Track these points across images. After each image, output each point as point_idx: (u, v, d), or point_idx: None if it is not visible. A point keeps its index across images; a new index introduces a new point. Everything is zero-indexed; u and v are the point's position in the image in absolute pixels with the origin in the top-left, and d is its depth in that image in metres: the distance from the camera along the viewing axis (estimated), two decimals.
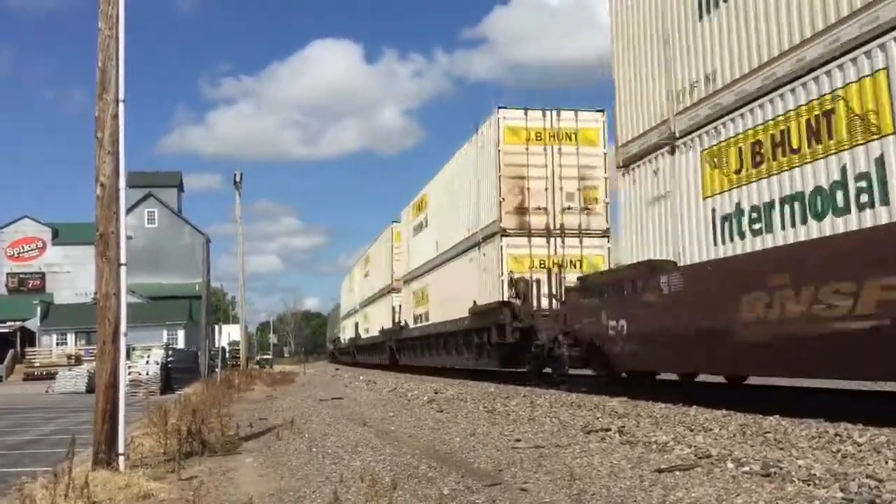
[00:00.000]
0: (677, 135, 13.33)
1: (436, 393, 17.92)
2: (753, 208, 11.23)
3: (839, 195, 9.65)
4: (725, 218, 11.88)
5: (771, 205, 10.87)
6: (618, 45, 16.01)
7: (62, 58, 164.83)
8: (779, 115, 10.85)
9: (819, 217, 9.96)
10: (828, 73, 9.99)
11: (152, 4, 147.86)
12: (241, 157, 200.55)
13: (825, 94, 10.02)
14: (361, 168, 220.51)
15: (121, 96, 8.07)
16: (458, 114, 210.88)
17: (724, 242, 11.91)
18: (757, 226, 11.14)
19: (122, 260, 7.93)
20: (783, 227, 10.61)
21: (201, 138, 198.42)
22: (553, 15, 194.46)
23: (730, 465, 6.66)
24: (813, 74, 10.24)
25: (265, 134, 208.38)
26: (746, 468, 6.43)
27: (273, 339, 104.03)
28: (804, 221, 10.22)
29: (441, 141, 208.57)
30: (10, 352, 52.80)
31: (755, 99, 11.33)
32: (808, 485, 5.71)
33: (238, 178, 38.26)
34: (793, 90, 10.62)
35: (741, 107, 11.63)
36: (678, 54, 13.44)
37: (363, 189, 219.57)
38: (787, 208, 10.57)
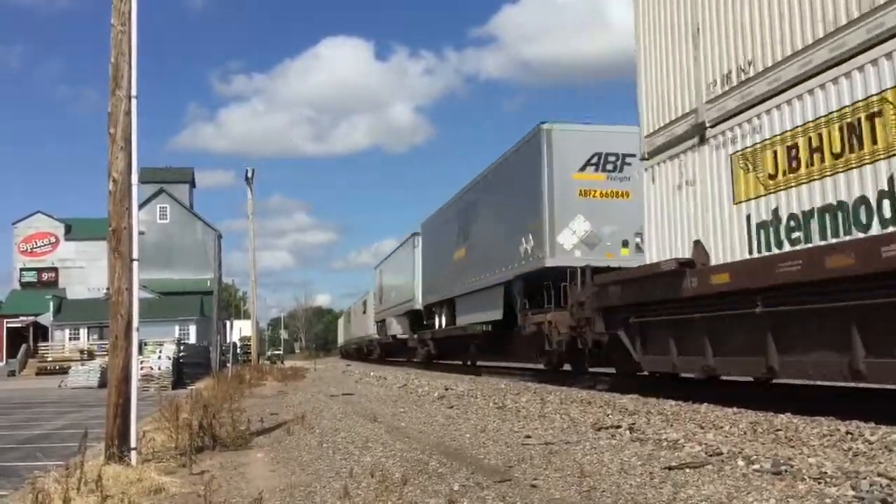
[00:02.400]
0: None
1: (446, 389, 17.93)
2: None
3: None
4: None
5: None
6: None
7: (75, 56, 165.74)
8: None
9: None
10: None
11: (164, 2, 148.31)
12: (252, 154, 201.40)
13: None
14: (372, 165, 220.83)
15: (133, 92, 8.11)
16: (470, 111, 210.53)
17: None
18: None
19: (135, 255, 7.98)
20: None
21: (213, 135, 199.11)
22: (561, 13, 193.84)
23: (740, 462, 6.64)
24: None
25: (276, 131, 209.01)
26: (757, 466, 6.42)
27: (284, 334, 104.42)
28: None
29: (452, 138, 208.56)
30: (23, 346, 53.07)
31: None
32: (820, 483, 5.69)
33: (250, 175, 38.38)
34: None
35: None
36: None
37: (374, 186, 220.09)
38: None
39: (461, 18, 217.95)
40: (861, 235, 9.04)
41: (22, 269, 64.25)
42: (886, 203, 8.72)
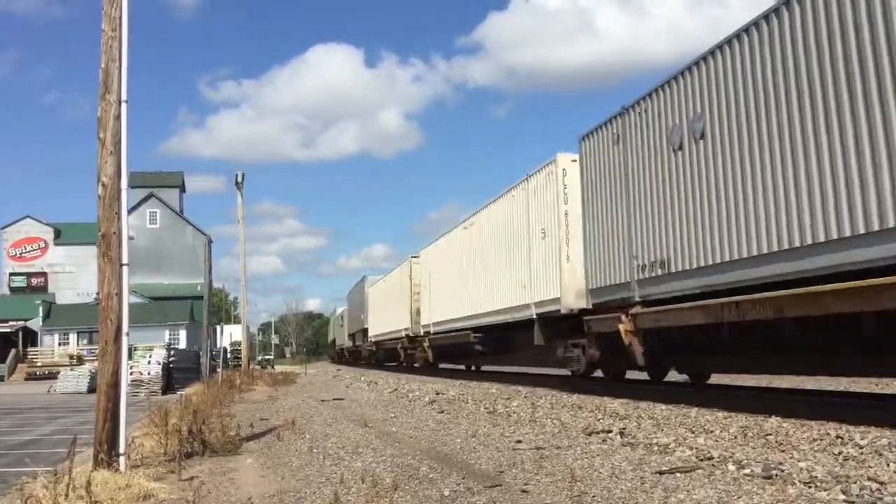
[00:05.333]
0: None
1: (437, 394, 17.91)
2: None
3: None
4: None
5: None
6: None
7: (65, 62, 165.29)
8: None
9: None
10: None
11: (153, 9, 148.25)
12: (241, 160, 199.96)
13: None
14: (362, 171, 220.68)
15: (123, 97, 8.09)
16: (458, 118, 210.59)
17: None
18: None
19: (124, 260, 7.95)
20: None
21: (202, 141, 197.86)
22: (548, 20, 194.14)
23: (731, 467, 6.66)
24: None
25: (266, 137, 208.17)
26: (748, 470, 6.43)
27: (275, 339, 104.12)
28: None
29: (441, 144, 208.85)
30: (13, 351, 52.83)
31: None
32: (810, 487, 5.70)
33: (240, 179, 38.30)
34: None
35: None
36: None
37: (363, 191, 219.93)
38: None
39: (450, 26, 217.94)
40: None
41: (11, 274, 64.05)
42: None
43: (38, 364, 51.77)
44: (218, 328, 49.11)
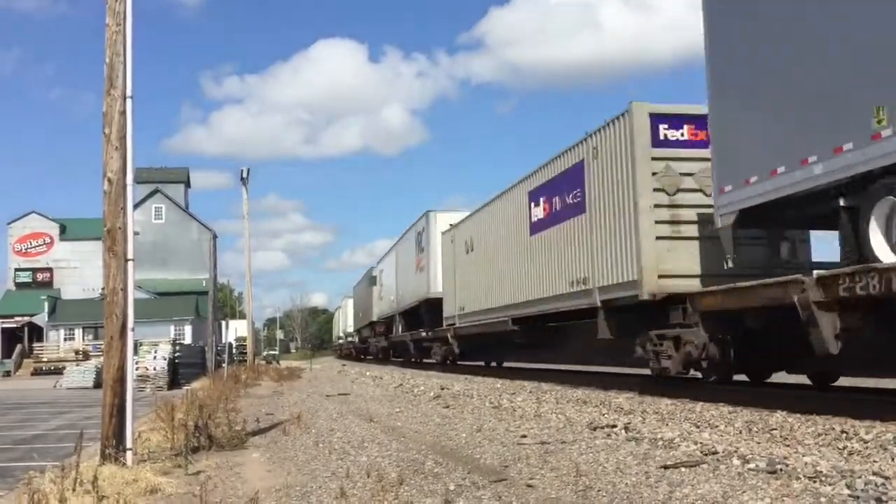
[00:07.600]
0: None
1: (442, 389, 17.93)
2: None
3: None
4: None
5: None
6: None
7: (70, 58, 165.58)
8: None
9: None
10: None
11: (156, 5, 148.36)
12: (245, 156, 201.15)
13: None
14: (366, 167, 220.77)
15: (128, 92, 8.10)
16: (462, 114, 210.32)
17: None
18: None
19: (130, 255, 7.97)
20: None
21: (206, 138, 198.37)
22: (549, 16, 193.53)
23: (736, 461, 6.66)
24: None
25: (269, 133, 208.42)
26: (752, 465, 6.44)
27: (280, 334, 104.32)
28: None
29: (445, 140, 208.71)
30: (18, 347, 52.92)
31: None
32: (815, 482, 5.71)
33: (245, 175, 38.36)
34: None
35: None
36: None
37: (367, 187, 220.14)
38: None
39: (451, 21, 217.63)
40: None
41: (16, 270, 64.11)
42: None
43: (44, 359, 51.78)
44: (223, 323, 49.24)
